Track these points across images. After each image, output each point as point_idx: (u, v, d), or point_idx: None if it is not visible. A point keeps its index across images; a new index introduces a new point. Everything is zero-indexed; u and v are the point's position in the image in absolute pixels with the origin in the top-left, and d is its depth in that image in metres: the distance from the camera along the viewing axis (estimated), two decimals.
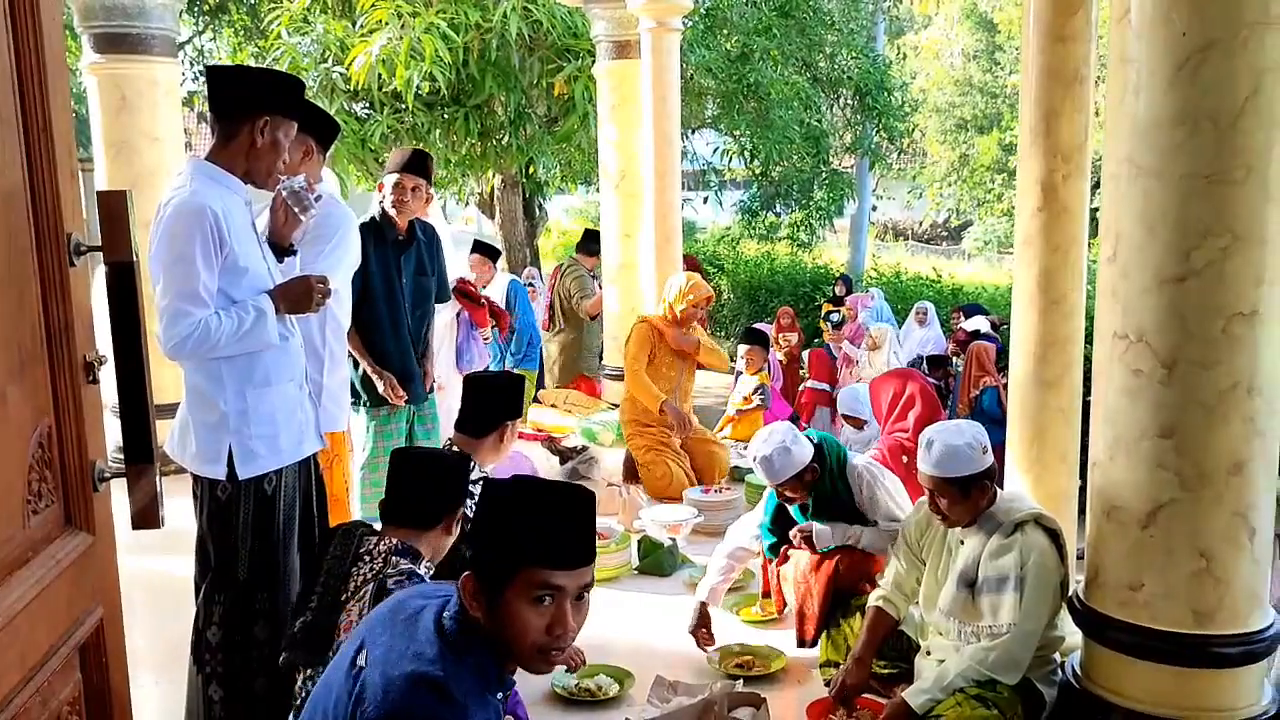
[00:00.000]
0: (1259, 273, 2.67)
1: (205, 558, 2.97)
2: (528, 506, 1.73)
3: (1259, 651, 2.85)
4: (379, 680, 1.68)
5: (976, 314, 9.22)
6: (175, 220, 2.73)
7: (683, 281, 5.81)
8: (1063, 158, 3.41)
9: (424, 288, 4.60)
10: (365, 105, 10.34)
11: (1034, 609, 2.98)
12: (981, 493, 3.07)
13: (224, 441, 2.86)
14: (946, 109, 25.16)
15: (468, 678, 1.71)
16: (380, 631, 1.79)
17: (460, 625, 1.75)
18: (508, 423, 3.41)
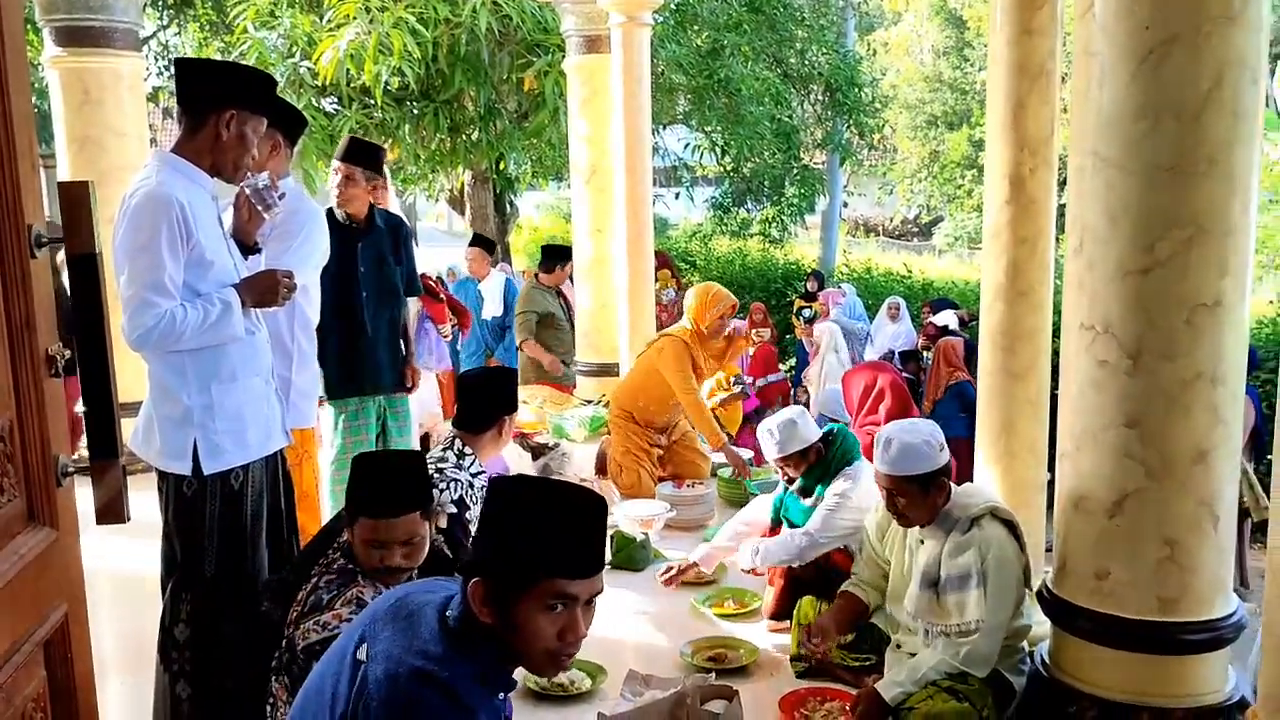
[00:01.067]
0: (1221, 264, 2.70)
1: (171, 555, 2.95)
2: (548, 515, 1.71)
3: (1223, 638, 2.89)
4: (383, 674, 1.66)
5: (945, 308, 9.29)
6: (141, 209, 2.70)
7: (705, 294, 5.52)
8: (1030, 151, 3.44)
9: (387, 278, 4.53)
10: (334, 101, 10.27)
11: (998, 602, 3.01)
12: (939, 490, 3.09)
13: (188, 436, 2.83)
14: (916, 105, 25.32)
15: (474, 678, 1.69)
16: (382, 626, 1.76)
17: (465, 625, 1.72)
18: (504, 417, 3.49)
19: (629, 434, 5.58)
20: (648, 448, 5.57)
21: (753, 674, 3.51)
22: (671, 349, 5.38)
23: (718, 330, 5.50)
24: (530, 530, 1.69)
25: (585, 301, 7.71)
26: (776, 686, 3.40)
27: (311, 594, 2.52)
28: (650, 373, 5.47)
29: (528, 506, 1.73)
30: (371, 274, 4.47)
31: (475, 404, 3.50)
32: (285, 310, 3.54)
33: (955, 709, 2.94)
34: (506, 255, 13.86)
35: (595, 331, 7.64)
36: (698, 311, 5.45)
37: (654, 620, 3.99)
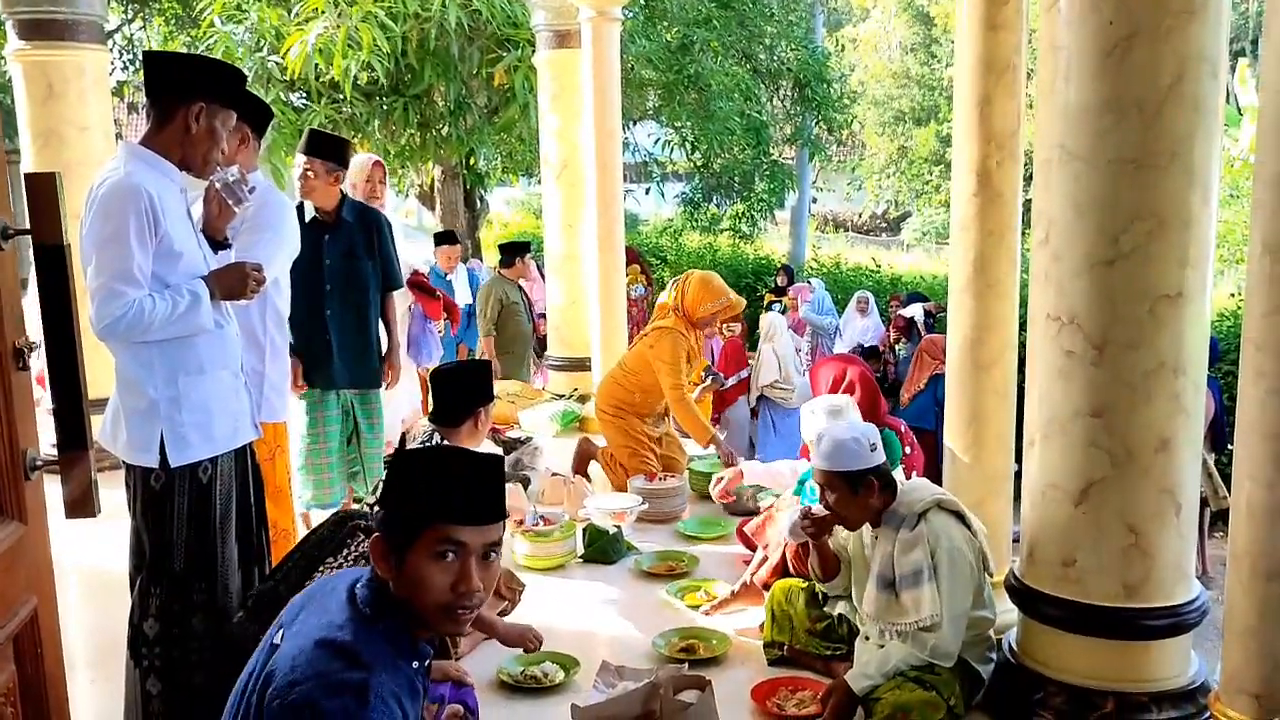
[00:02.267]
0: (1182, 255, 2.75)
1: (140, 550, 2.93)
2: (433, 467, 1.78)
3: (1186, 623, 2.94)
4: (289, 651, 1.69)
5: (914, 301, 9.37)
6: (110, 199, 2.69)
7: (707, 282, 5.43)
8: (996, 144, 3.48)
9: (357, 271, 4.51)
10: (302, 95, 10.19)
11: (954, 593, 3.03)
12: (870, 491, 3.11)
13: (155, 428, 2.82)
14: (885, 101, 25.48)
15: (378, 642, 1.73)
16: (297, 610, 1.81)
17: (372, 592, 1.78)
18: (479, 409, 3.50)
19: (626, 429, 5.52)
20: (649, 438, 5.54)
21: (725, 664, 3.53)
22: (668, 341, 5.33)
23: (709, 321, 5.49)
24: (415, 479, 1.77)
25: (556, 297, 7.71)
26: (749, 676, 3.42)
27: None
28: (646, 367, 5.43)
29: (417, 461, 1.82)
30: (338, 268, 4.45)
31: (450, 397, 3.51)
32: (257, 303, 3.53)
33: (922, 698, 2.97)
34: (477, 251, 13.80)
35: (567, 326, 7.65)
36: (695, 299, 5.38)
37: (626, 612, 4.00)
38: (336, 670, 1.65)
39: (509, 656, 3.48)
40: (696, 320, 5.41)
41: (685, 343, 5.35)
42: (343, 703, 1.61)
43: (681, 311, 5.41)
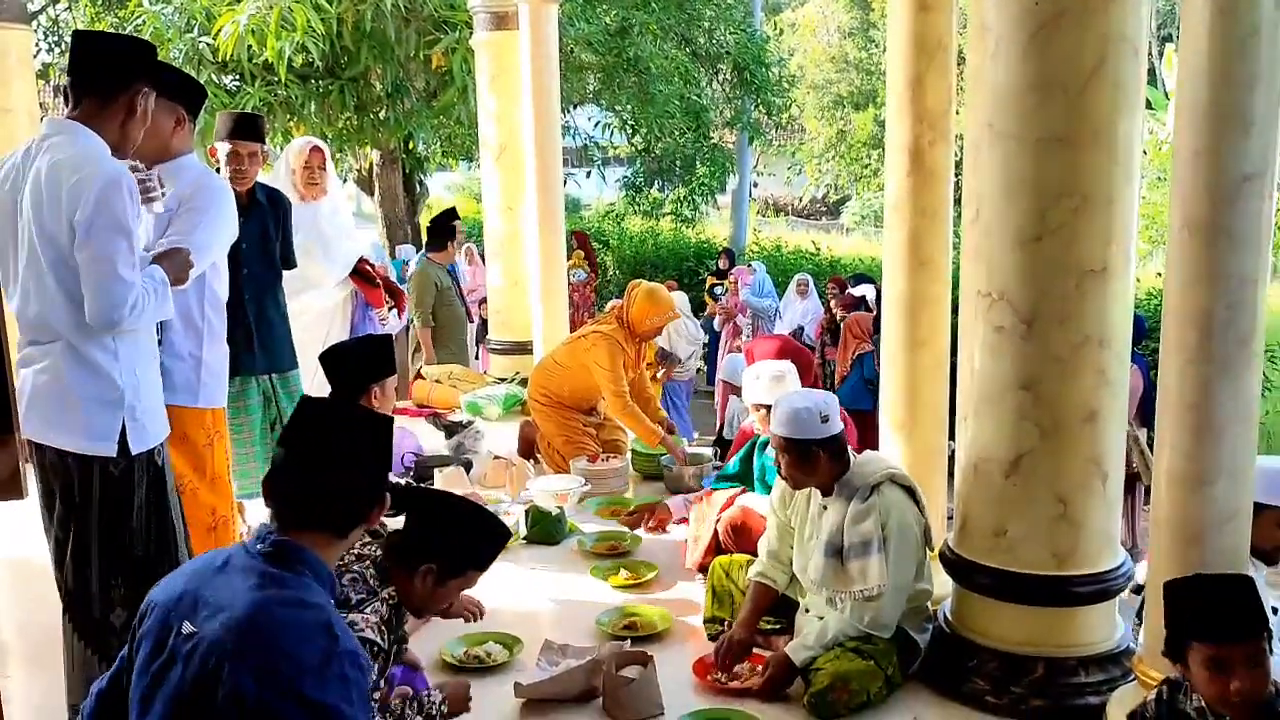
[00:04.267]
0: (1107, 232, 2.83)
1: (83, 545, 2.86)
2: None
3: (1112, 589, 3.03)
4: (225, 619, 1.71)
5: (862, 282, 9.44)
6: (109, 188, 2.68)
7: (653, 297, 5.36)
8: (928, 125, 3.53)
9: (270, 254, 4.42)
10: (235, 77, 10.00)
11: (900, 565, 3.11)
12: (818, 459, 3.17)
13: (118, 417, 2.82)
14: (824, 85, 25.65)
15: (313, 589, 1.80)
16: (192, 603, 1.78)
17: (278, 547, 1.83)
18: (373, 386, 3.41)
19: (562, 420, 5.49)
20: (586, 429, 5.53)
21: (667, 640, 3.56)
22: (605, 347, 5.26)
23: (651, 335, 5.48)
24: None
25: (497, 280, 7.68)
26: (690, 651, 3.46)
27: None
28: (578, 366, 5.39)
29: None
30: (254, 250, 4.36)
31: (342, 375, 3.43)
32: (194, 287, 3.48)
33: (861, 668, 3.03)
34: (416, 236, 13.65)
35: (508, 309, 7.62)
36: (640, 313, 5.30)
37: (569, 592, 4.02)
38: (294, 616, 1.72)
39: (451, 638, 3.48)
40: (640, 333, 5.37)
41: (623, 353, 5.29)
42: (318, 645, 1.70)
43: (626, 322, 5.36)
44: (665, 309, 5.37)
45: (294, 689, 1.66)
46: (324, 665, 1.68)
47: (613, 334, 5.30)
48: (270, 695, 1.65)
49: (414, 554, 2.43)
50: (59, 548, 2.91)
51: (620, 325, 5.34)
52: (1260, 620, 2.07)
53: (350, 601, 2.34)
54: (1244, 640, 2.07)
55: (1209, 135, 2.40)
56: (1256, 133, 2.37)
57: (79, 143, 2.77)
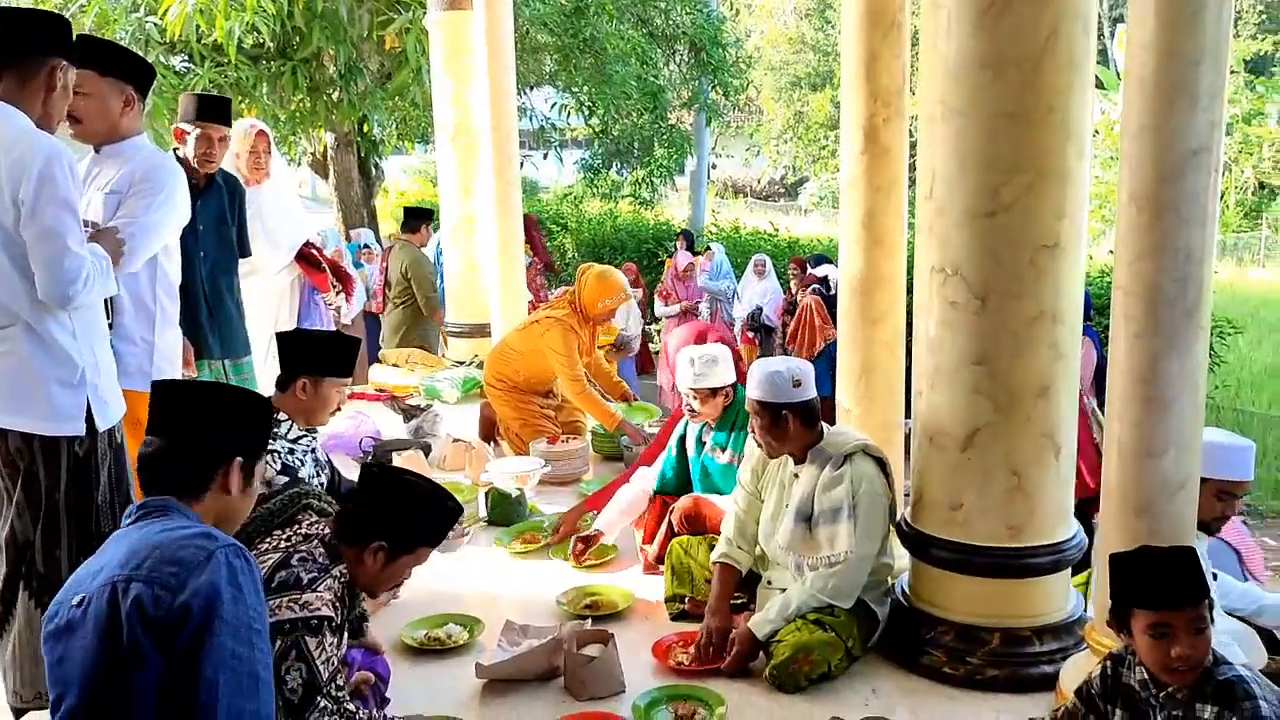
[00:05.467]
0: (1059, 207, 2.86)
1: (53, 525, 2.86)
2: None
3: (1065, 560, 3.08)
4: (109, 566, 1.78)
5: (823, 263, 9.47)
6: (51, 163, 2.69)
7: (603, 280, 5.34)
8: (882, 101, 3.55)
9: (226, 237, 4.39)
10: (184, 58, 9.82)
11: (867, 534, 3.14)
12: (788, 424, 3.22)
13: (83, 395, 2.85)
14: (781, 66, 25.70)
15: (193, 525, 1.89)
16: (119, 569, 1.80)
17: (147, 510, 1.91)
18: (303, 380, 3.37)
19: (519, 404, 5.46)
20: (544, 411, 5.52)
21: (628, 619, 3.57)
22: (558, 332, 5.24)
23: (605, 318, 5.44)
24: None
25: (454, 263, 7.63)
26: (651, 630, 3.47)
27: (280, 569, 2.38)
28: (532, 351, 5.36)
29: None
30: (211, 233, 4.32)
31: (284, 360, 3.45)
32: (146, 269, 3.44)
33: (822, 639, 3.06)
34: (373, 220, 13.51)
35: (466, 292, 7.58)
36: (592, 296, 5.29)
37: (529, 572, 4.02)
38: (171, 535, 1.83)
39: (410, 621, 3.47)
40: (592, 316, 5.35)
41: (576, 337, 5.28)
42: (198, 545, 1.81)
43: (579, 306, 5.34)
44: (616, 291, 5.36)
45: (182, 584, 1.73)
46: (208, 559, 1.77)
47: (566, 318, 5.29)
48: (163, 594, 1.72)
49: (364, 531, 2.42)
50: (16, 534, 2.89)
51: (573, 310, 5.33)
52: (1201, 588, 2.10)
53: (302, 581, 2.31)
54: (1184, 607, 2.10)
55: (1156, 110, 2.42)
56: (1202, 108, 2.40)
57: (8, 121, 2.74)
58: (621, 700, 2.99)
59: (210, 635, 1.73)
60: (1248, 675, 2.05)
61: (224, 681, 1.74)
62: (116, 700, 1.73)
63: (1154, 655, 2.13)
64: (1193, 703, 2.06)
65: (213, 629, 1.73)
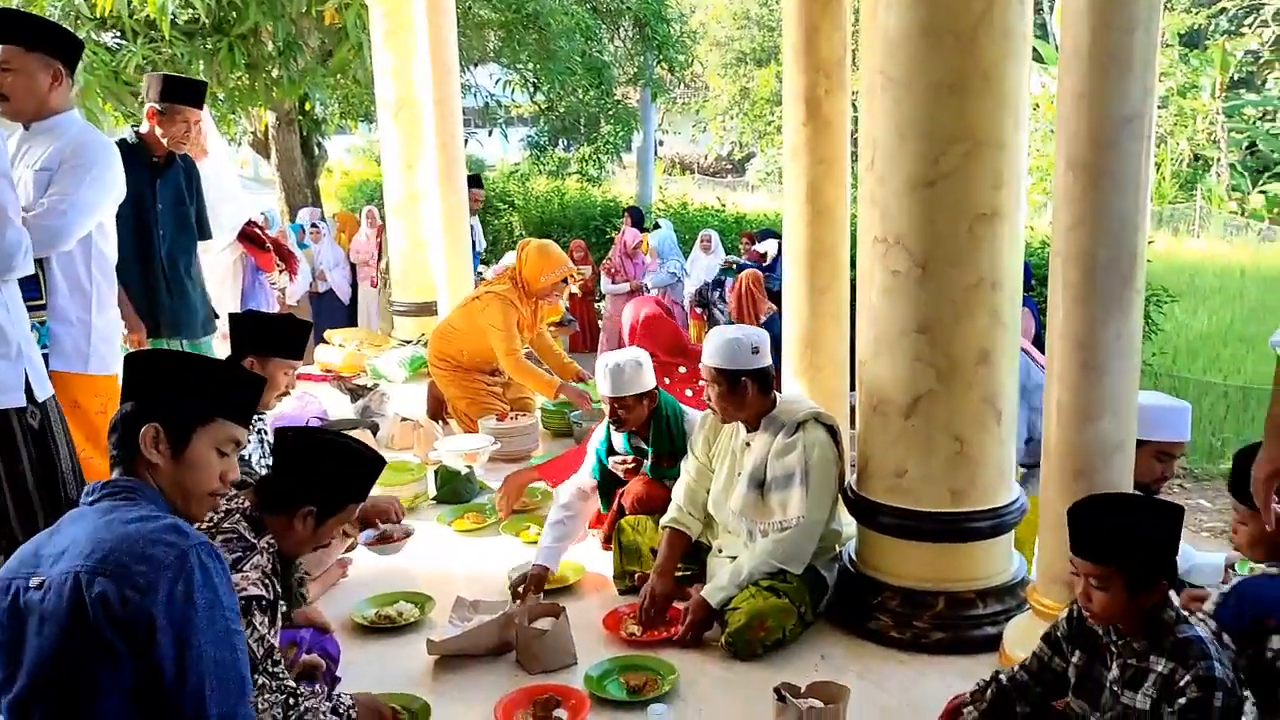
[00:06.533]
0: (996, 176, 2.89)
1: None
2: (217, 370, 2.06)
3: (1007, 523, 3.14)
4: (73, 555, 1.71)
5: (768, 238, 9.49)
6: None
7: (543, 254, 5.31)
8: (824, 73, 3.57)
9: (185, 217, 4.35)
10: (116, 35, 9.58)
11: (818, 500, 3.18)
12: (747, 390, 3.24)
13: (21, 367, 2.86)
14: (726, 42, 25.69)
15: (150, 507, 1.83)
16: (32, 560, 1.77)
17: (112, 489, 1.84)
18: (250, 359, 3.37)
19: (464, 383, 5.44)
20: (491, 389, 5.49)
21: (579, 593, 3.59)
22: (497, 306, 5.21)
23: (548, 293, 5.39)
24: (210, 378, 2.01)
25: (399, 240, 7.56)
26: (602, 603, 3.48)
27: None
28: (473, 328, 5.34)
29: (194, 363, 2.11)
30: (169, 213, 4.29)
31: (234, 339, 3.46)
32: (80, 248, 3.37)
33: (777, 605, 3.09)
34: (316, 200, 13.33)
35: (412, 270, 7.51)
36: (533, 270, 5.26)
37: (479, 549, 4.02)
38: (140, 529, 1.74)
39: (360, 599, 3.46)
40: (536, 291, 5.32)
41: (516, 312, 5.24)
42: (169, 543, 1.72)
43: (520, 282, 5.31)
44: (558, 264, 5.35)
45: (152, 585, 1.67)
46: (181, 559, 1.71)
47: (506, 293, 5.27)
48: (132, 594, 1.66)
49: (289, 498, 2.40)
50: None
51: (514, 285, 5.31)
52: (1109, 550, 2.07)
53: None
54: (1081, 556, 2.11)
55: (1091, 79, 2.46)
56: (1135, 76, 2.44)
57: None
58: (574, 672, 3.01)
59: (189, 648, 1.69)
60: (1206, 637, 2.06)
61: (211, 690, 1.71)
62: (73, 694, 1.69)
63: (1079, 595, 2.19)
64: (1148, 654, 2.09)
65: (191, 641, 1.69)
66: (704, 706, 2.84)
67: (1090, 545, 2.10)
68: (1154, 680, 2.06)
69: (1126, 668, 2.13)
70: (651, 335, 5.48)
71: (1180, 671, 2.02)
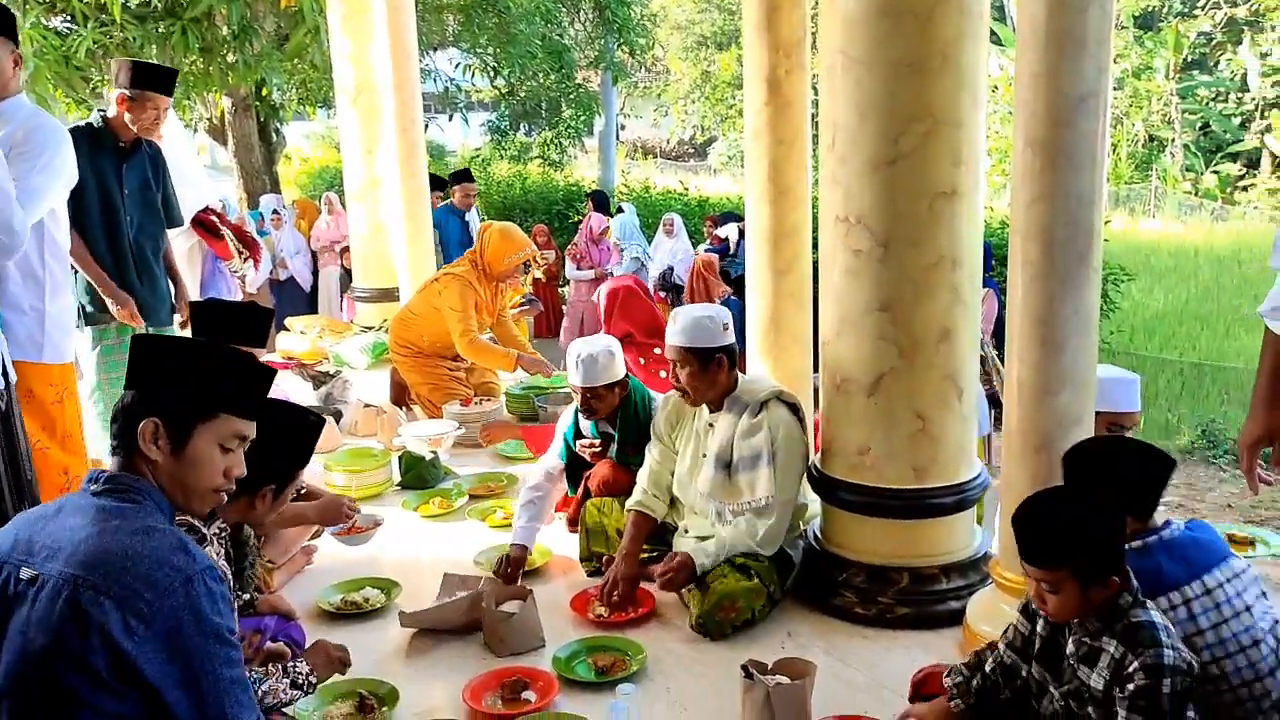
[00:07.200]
0: (956, 154, 2.92)
1: None
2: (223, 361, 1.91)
3: (969, 499, 3.18)
4: (67, 561, 1.66)
5: (729, 221, 9.51)
6: None
7: (505, 235, 5.30)
8: (784, 53, 3.57)
9: (151, 203, 4.32)
10: (66, 19, 9.40)
11: (787, 479, 3.20)
12: (719, 368, 3.25)
13: None
14: (686, 25, 25.64)
15: (155, 514, 1.78)
16: (26, 547, 1.73)
17: (117, 484, 1.79)
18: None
19: (426, 369, 5.41)
20: (453, 374, 5.46)
21: (546, 575, 3.59)
22: (455, 288, 5.19)
23: (509, 275, 5.37)
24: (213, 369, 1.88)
25: (360, 226, 7.50)
26: (569, 585, 3.49)
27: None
28: (432, 313, 5.31)
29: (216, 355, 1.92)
30: (136, 198, 4.26)
31: (197, 329, 3.47)
32: (34, 236, 3.32)
33: (747, 587, 3.11)
34: (275, 187, 13.17)
35: (373, 256, 7.45)
36: (496, 252, 5.24)
37: (445, 535, 4.01)
38: (145, 546, 1.68)
39: (326, 586, 3.44)
40: (498, 274, 5.29)
41: (474, 293, 5.22)
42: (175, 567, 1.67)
43: (481, 265, 5.28)
44: (520, 246, 5.33)
45: (156, 614, 1.63)
46: (186, 585, 1.66)
47: (465, 274, 5.26)
48: (136, 623, 1.61)
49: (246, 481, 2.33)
50: None
51: (474, 267, 5.29)
52: (1067, 553, 2.03)
53: None
54: (1038, 565, 2.07)
55: (1048, 57, 2.48)
56: (1090, 54, 2.46)
57: None
58: (542, 655, 3.01)
59: (204, 675, 1.67)
60: (1159, 623, 2.06)
61: (232, 712, 1.71)
62: (45, 699, 1.64)
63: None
64: (1101, 634, 2.09)
65: (205, 669, 1.67)
66: (672, 685, 2.86)
67: (1039, 553, 2.07)
68: (1107, 661, 2.07)
69: (1081, 644, 2.14)
70: (628, 315, 5.49)
71: (1130, 657, 2.02)
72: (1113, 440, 2.43)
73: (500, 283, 5.39)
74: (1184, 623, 2.23)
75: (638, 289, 5.99)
